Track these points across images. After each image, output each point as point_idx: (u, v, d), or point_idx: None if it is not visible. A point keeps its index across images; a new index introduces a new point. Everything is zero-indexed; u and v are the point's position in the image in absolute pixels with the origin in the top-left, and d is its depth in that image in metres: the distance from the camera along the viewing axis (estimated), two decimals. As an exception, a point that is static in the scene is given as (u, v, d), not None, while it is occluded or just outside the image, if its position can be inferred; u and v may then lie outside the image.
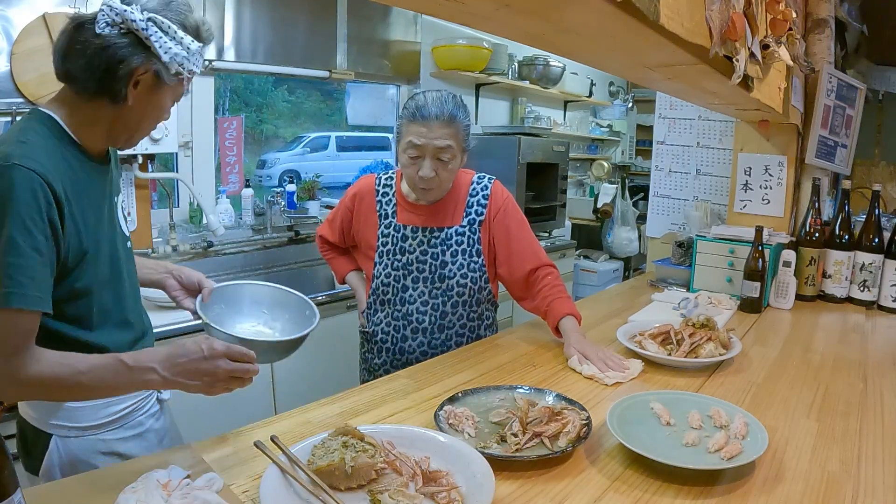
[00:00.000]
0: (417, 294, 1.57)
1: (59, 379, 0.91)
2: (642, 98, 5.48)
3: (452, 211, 1.57)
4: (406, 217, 1.58)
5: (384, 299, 1.60)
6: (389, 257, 1.58)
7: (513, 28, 0.92)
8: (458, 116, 1.46)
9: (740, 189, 2.30)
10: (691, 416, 1.08)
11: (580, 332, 1.46)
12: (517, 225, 1.58)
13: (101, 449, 1.09)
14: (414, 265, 1.56)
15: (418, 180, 1.47)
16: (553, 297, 1.52)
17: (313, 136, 5.30)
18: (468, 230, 1.56)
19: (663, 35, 0.90)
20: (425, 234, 1.56)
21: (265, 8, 2.80)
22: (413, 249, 1.56)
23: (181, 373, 0.94)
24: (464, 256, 1.56)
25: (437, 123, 1.42)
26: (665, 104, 2.60)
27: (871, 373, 1.41)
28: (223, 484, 0.86)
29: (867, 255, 2.00)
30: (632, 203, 4.60)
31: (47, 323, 0.96)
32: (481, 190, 1.59)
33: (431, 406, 1.12)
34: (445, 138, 1.43)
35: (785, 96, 1.76)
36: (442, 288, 1.56)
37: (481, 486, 0.83)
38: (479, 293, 1.60)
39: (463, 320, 1.59)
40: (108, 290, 1.08)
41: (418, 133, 1.43)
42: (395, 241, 1.57)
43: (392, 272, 1.58)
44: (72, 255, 0.98)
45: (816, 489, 0.90)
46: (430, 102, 1.44)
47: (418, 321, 1.57)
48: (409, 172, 1.49)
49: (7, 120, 2.10)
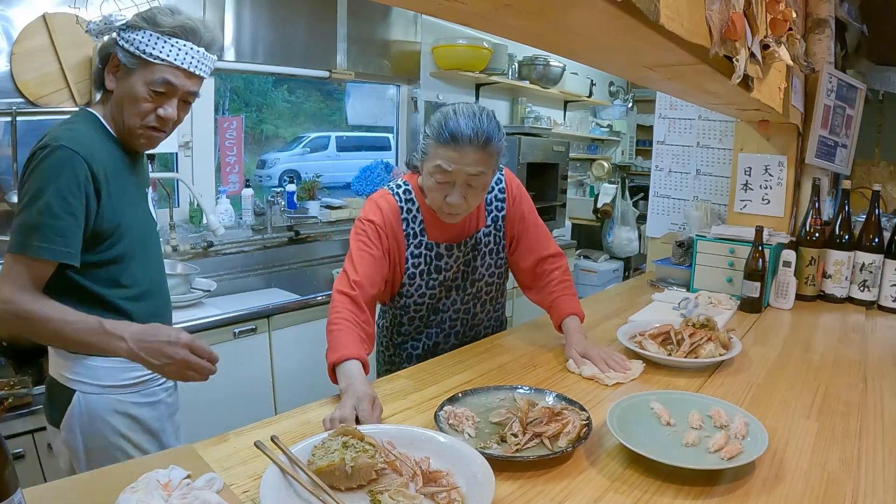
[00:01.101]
0: (451, 303, 1.54)
1: (48, 321, 1.11)
2: (642, 98, 5.48)
3: (477, 214, 1.51)
4: (437, 234, 1.46)
5: (415, 316, 1.53)
6: (423, 277, 1.47)
7: (513, 28, 0.92)
8: (494, 138, 1.30)
9: (740, 189, 2.30)
10: (691, 416, 1.08)
11: (582, 333, 1.46)
12: (529, 211, 1.57)
13: (118, 408, 1.25)
14: (451, 280, 1.51)
15: (445, 206, 1.34)
16: (559, 293, 1.52)
17: (313, 136, 5.30)
18: (493, 228, 1.54)
19: (663, 35, 0.90)
20: (460, 249, 1.49)
21: (265, 8, 2.80)
22: (450, 267, 1.49)
23: (145, 349, 1.13)
24: (491, 256, 1.55)
25: (471, 149, 1.27)
26: (665, 104, 2.60)
27: (871, 373, 1.41)
28: (223, 484, 0.86)
29: (867, 255, 2.00)
30: (632, 203, 4.60)
31: (83, 282, 1.19)
32: (496, 184, 1.53)
33: (431, 406, 1.12)
34: (479, 165, 1.28)
35: (785, 96, 1.76)
36: (472, 292, 1.55)
37: (481, 487, 0.83)
38: (503, 285, 1.63)
39: (490, 315, 1.64)
40: (137, 262, 1.27)
41: (448, 158, 1.27)
42: (429, 259, 1.46)
43: (427, 291, 1.49)
44: (105, 225, 1.19)
45: (816, 489, 0.90)
46: (463, 123, 1.27)
47: (450, 326, 1.56)
48: (434, 196, 1.34)
49: (7, 120, 2.10)
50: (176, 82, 1.21)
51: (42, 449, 1.72)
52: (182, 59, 1.20)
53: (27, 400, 1.70)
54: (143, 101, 1.20)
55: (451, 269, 1.49)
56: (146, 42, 1.18)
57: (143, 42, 1.17)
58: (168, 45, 1.19)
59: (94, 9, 2.23)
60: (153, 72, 1.19)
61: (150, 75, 1.19)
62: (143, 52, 1.18)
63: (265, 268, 2.90)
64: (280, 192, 2.98)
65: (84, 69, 2.22)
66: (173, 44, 1.19)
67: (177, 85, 1.22)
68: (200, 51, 1.23)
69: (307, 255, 3.12)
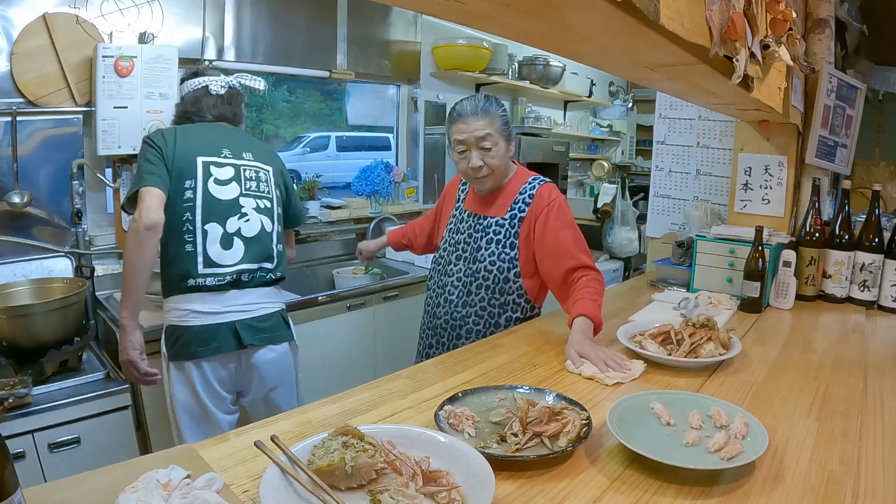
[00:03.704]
0: (456, 270, 1.76)
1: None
2: (642, 98, 5.48)
3: (499, 204, 1.73)
4: (469, 203, 1.81)
5: (436, 268, 1.84)
6: (449, 234, 1.82)
7: (513, 28, 0.92)
8: (491, 108, 1.64)
9: (740, 189, 2.30)
10: (691, 416, 1.08)
11: (584, 333, 1.46)
12: (560, 226, 1.65)
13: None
14: (461, 245, 1.77)
15: (470, 171, 1.66)
16: (579, 296, 1.55)
17: (313, 136, 5.30)
18: (508, 223, 1.70)
19: (663, 35, 0.90)
20: (473, 220, 1.76)
21: (265, 8, 2.81)
22: (463, 231, 1.77)
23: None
24: (497, 246, 1.69)
25: (473, 118, 1.62)
26: (665, 104, 2.60)
27: (871, 373, 1.41)
28: (223, 484, 0.86)
29: (867, 255, 2.00)
30: (632, 203, 4.59)
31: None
32: (529, 190, 1.72)
33: (431, 406, 1.12)
34: (483, 128, 1.62)
35: (785, 96, 1.76)
36: (473, 269, 1.72)
37: (481, 486, 0.83)
38: (505, 283, 1.70)
39: (484, 303, 1.72)
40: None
41: (459, 130, 1.63)
42: (457, 221, 1.81)
43: (447, 247, 1.81)
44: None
45: (816, 489, 0.90)
46: (465, 103, 1.65)
47: (449, 293, 1.77)
48: (462, 167, 1.69)
49: (7, 120, 2.10)
50: None
51: (42, 449, 1.72)
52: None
53: (27, 400, 1.70)
54: None
55: (464, 233, 1.77)
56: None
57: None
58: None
59: (94, 9, 2.23)
60: None
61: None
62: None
63: (265, 268, 2.89)
64: (280, 192, 2.97)
65: (84, 69, 2.23)
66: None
67: None
68: None
69: (307, 255, 3.12)
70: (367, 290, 2.71)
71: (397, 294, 2.81)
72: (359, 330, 2.69)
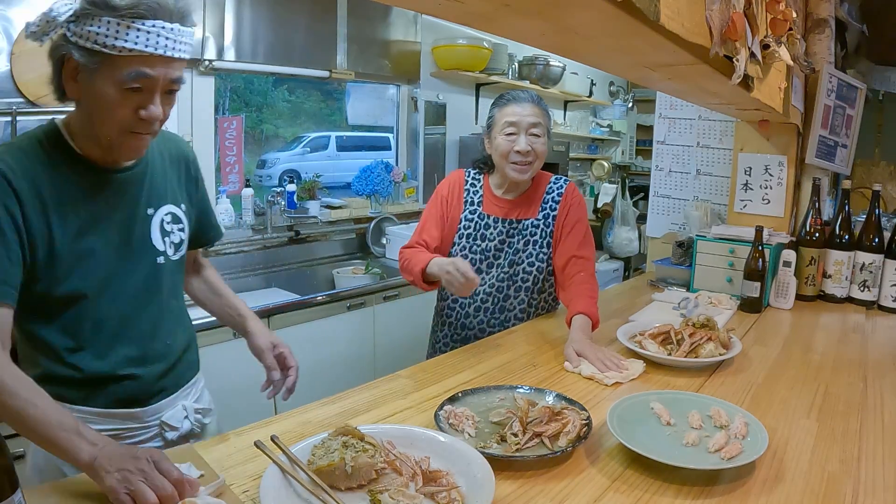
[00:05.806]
0: (489, 277, 1.72)
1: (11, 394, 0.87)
2: (642, 98, 5.48)
3: (530, 205, 1.73)
4: (491, 208, 1.74)
5: None
6: (469, 241, 1.73)
7: (513, 28, 0.92)
8: (543, 105, 1.68)
9: (740, 189, 2.30)
10: (691, 416, 1.08)
11: (583, 333, 1.46)
12: (576, 220, 1.72)
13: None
14: (492, 252, 1.72)
15: (514, 155, 1.63)
16: (577, 293, 1.58)
17: (313, 136, 5.30)
18: (542, 223, 1.72)
19: (663, 35, 0.90)
20: (505, 225, 1.72)
21: (265, 8, 2.80)
22: (493, 238, 1.72)
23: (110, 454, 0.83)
24: (534, 247, 1.71)
25: (528, 104, 1.65)
26: (665, 104, 2.59)
27: (871, 373, 1.41)
28: (223, 484, 0.86)
29: (867, 255, 2.00)
30: (632, 203, 4.59)
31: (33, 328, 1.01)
32: (557, 189, 1.75)
33: (431, 406, 1.12)
34: (536, 116, 1.64)
35: (785, 96, 1.76)
36: (509, 273, 1.71)
37: (481, 486, 0.83)
38: (543, 283, 1.73)
39: (523, 305, 1.73)
40: (106, 301, 1.06)
41: (513, 112, 1.64)
42: (478, 227, 1.73)
43: (469, 255, 1.72)
44: (41, 255, 0.98)
45: (816, 489, 0.90)
46: (518, 91, 1.69)
47: (482, 300, 1.73)
48: (504, 149, 1.64)
49: (7, 120, 2.10)
50: (153, 73, 0.96)
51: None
52: (154, 42, 0.93)
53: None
54: (116, 105, 0.96)
55: (493, 240, 1.72)
56: (105, 32, 0.91)
57: (100, 33, 0.91)
58: (133, 31, 0.92)
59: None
60: (121, 66, 0.94)
61: (118, 72, 0.94)
62: (103, 45, 0.91)
63: (265, 268, 2.90)
64: (280, 192, 2.97)
65: (84, 69, 2.22)
66: (139, 27, 0.92)
67: (155, 75, 0.96)
68: (174, 27, 0.96)
69: (307, 255, 3.12)
70: (367, 289, 2.71)
71: (397, 294, 2.81)
72: (359, 330, 2.69)
